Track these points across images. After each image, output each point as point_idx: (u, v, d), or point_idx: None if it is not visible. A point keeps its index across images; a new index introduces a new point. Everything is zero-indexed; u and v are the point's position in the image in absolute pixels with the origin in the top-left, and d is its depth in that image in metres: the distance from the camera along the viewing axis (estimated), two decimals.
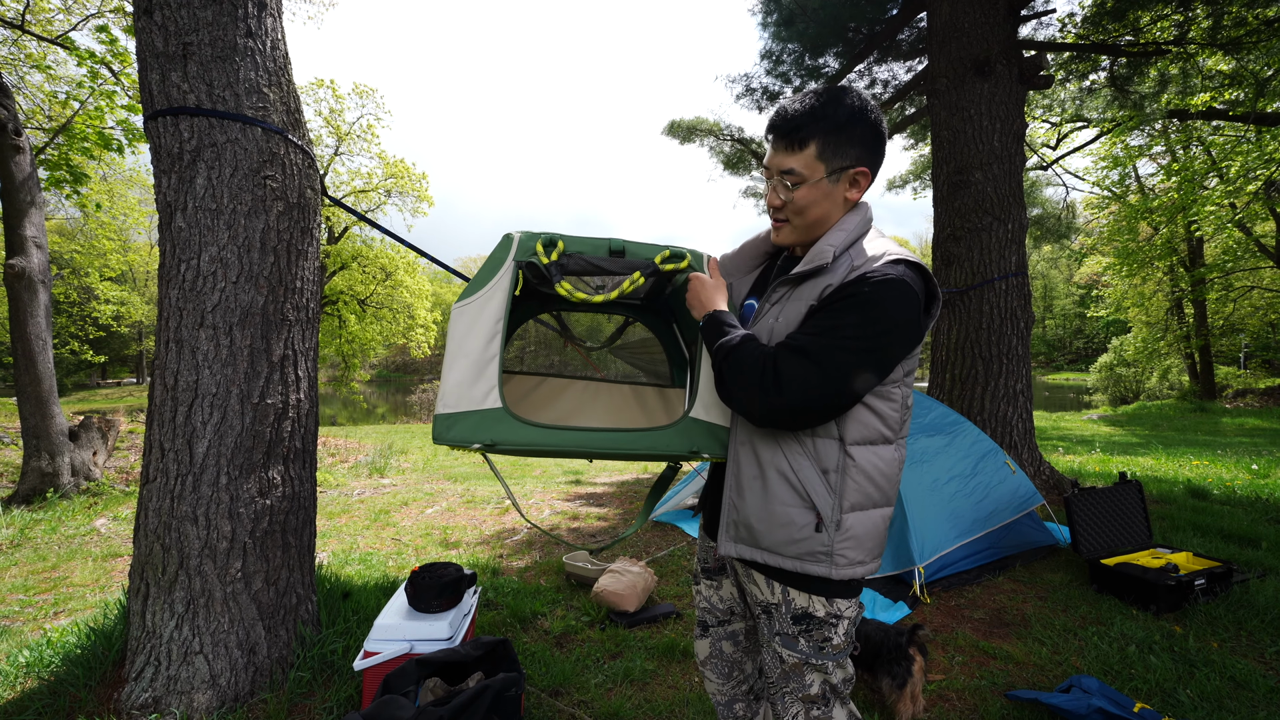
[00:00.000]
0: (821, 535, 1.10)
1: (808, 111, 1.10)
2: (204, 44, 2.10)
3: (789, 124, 1.11)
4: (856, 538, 1.11)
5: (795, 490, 1.11)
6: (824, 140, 1.10)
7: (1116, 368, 21.67)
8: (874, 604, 3.07)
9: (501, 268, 1.24)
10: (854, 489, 1.10)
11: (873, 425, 1.12)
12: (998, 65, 5.40)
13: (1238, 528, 4.06)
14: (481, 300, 1.23)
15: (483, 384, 1.20)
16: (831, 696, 1.20)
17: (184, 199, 2.10)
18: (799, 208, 1.15)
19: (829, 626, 1.15)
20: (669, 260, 1.29)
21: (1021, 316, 5.40)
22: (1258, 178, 11.10)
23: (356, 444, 10.12)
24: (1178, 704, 2.15)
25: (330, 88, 16.84)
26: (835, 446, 1.11)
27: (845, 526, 1.10)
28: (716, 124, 9.25)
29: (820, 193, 1.13)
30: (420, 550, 4.25)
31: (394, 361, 53.37)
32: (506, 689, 1.73)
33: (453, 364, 1.21)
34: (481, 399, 1.19)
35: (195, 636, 2.08)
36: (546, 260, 1.25)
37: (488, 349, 1.21)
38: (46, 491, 5.64)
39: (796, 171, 1.12)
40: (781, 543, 1.12)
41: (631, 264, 1.30)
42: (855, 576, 1.14)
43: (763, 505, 1.13)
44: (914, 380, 1.18)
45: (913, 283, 1.05)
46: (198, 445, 2.09)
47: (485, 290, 1.23)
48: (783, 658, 1.19)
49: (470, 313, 1.22)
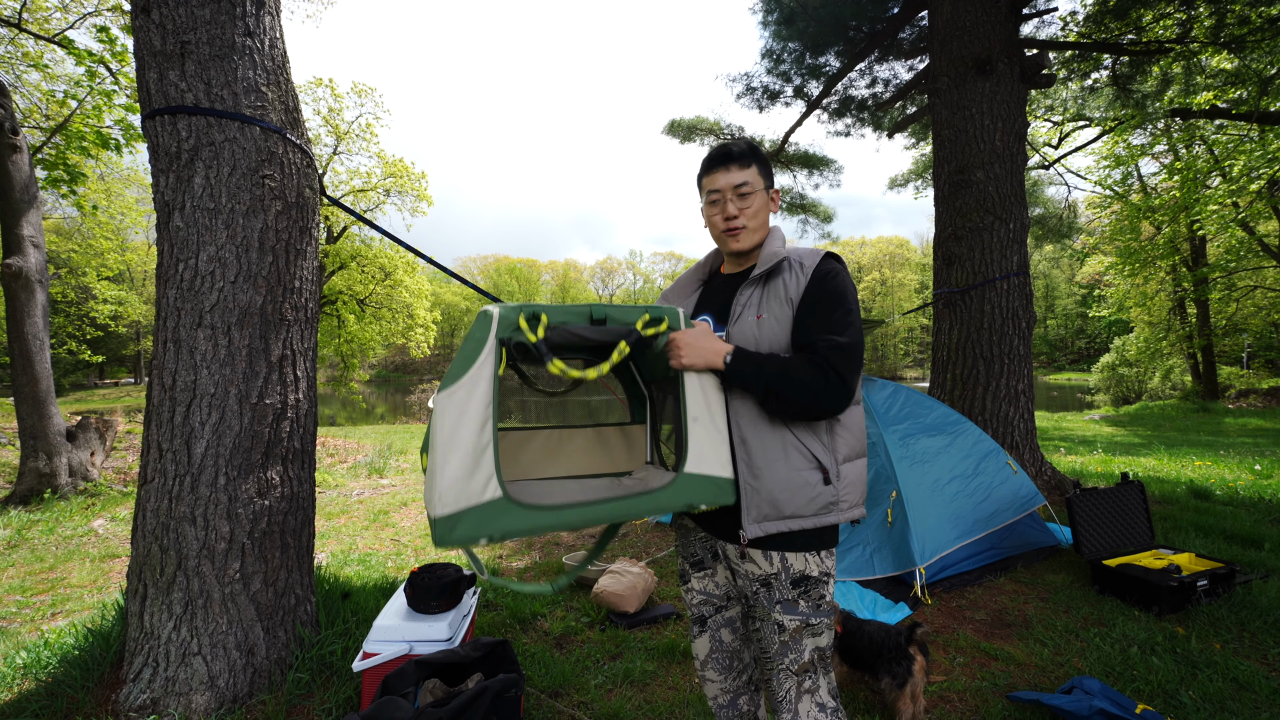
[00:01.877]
0: (830, 487, 1.32)
1: (746, 143, 1.46)
2: (202, 42, 2.08)
3: (738, 150, 1.44)
4: (852, 483, 1.36)
5: (805, 456, 1.32)
6: (759, 164, 1.45)
7: (1118, 368, 21.63)
8: (875, 605, 3.06)
9: (484, 349, 1.18)
10: (843, 443, 1.35)
11: None
12: (999, 64, 5.39)
13: (1240, 528, 4.05)
14: (468, 385, 1.16)
15: (480, 475, 1.14)
16: (819, 665, 1.37)
17: (182, 198, 2.09)
18: (752, 213, 1.44)
19: (822, 584, 1.36)
20: (650, 325, 1.33)
21: (1023, 316, 5.38)
22: (1261, 177, 11.06)
23: (355, 444, 10.11)
24: (1180, 705, 2.14)
25: (329, 87, 16.80)
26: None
27: (843, 475, 1.34)
28: (716, 123, 9.22)
29: (762, 202, 1.45)
30: (419, 551, 4.24)
31: (393, 361, 53.41)
32: (506, 690, 1.72)
33: (446, 458, 1.13)
34: (481, 492, 1.14)
35: (193, 637, 2.07)
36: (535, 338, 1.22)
37: (481, 437, 1.15)
38: (44, 492, 5.63)
39: (749, 183, 1.42)
40: (803, 504, 1.31)
41: (614, 331, 1.31)
42: (854, 518, 1.37)
43: (785, 476, 1.31)
44: None
45: (845, 270, 1.38)
46: (196, 445, 2.08)
47: (470, 374, 1.16)
48: (783, 625, 1.34)
49: (458, 400, 1.15)
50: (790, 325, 1.33)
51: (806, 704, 1.36)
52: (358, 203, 18.08)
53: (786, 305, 1.34)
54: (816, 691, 1.37)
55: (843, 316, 1.30)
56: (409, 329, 19.79)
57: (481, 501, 1.13)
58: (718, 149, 1.46)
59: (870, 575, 3.27)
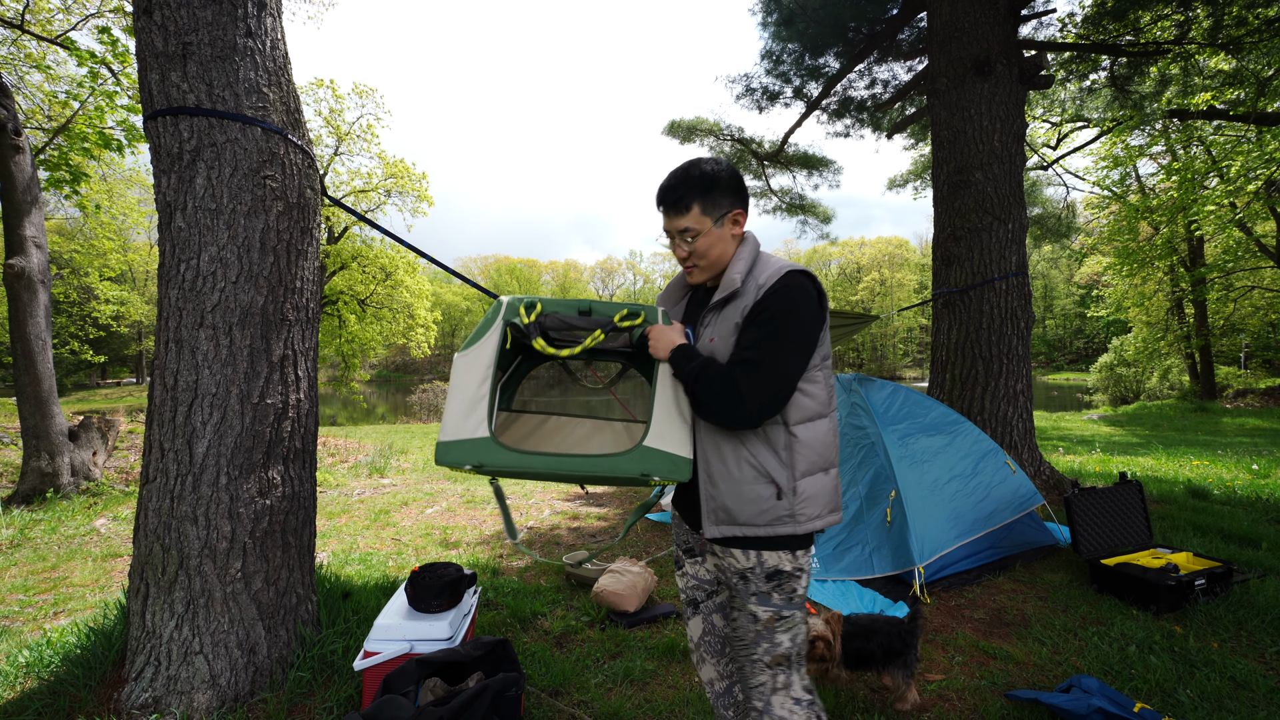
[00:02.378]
0: (783, 502, 1.35)
1: (682, 182, 1.41)
2: (204, 44, 2.09)
3: (673, 195, 1.42)
4: (810, 498, 1.37)
5: (756, 470, 1.36)
6: (702, 199, 1.40)
7: (1117, 368, 21.64)
8: (874, 604, 3.07)
9: (493, 325, 1.55)
10: (801, 459, 1.36)
11: (807, 406, 1.38)
12: (998, 65, 5.40)
13: (1238, 528, 4.06)
14: (477, 349, 1.53)
15: (474, 417, 1.47)
16: (794, 659, 1.42)
17: (184, 199, 2.10)
18: (702, 254, 1.45)
19: (795, 579, 1.39)
20: (626, 318, 1.55)
21: (1022, 316, 5.40)
22: (1258, 177, 11.08)
23: (356, 444, 10.11)
24: (1178, 704, 2.15)
25: (330, 87, 16.82)
26: (781, 429, 1.36)
27: (800, 491, 1.36)
28: (716, 124, 9.24)
29: (714, 237, 1.43)
30: (420, 550, 4.25)
31: (394, 361, 53.38)
32: (506, 689, 1.73)
33: (452, 400, 1.49)
34: (474, 429, 1.46)
35: (195, 636, 2.08)
36: (526, 321, 1.55)
37: (480, 388, 1.49)
38: (46, 491, 5.64)
39: (691, 229, 1.42)
40: (754, 515, 1.35)
41: (595, 321, 1.57)
42: (817, 529, 1.38)
43: (734, 488, 1.37)
44: (830, 364, 1.44)
45: (805, 284, 1.34)
46: (197, 445, 2.09)
47: (480, 342, 1.54)
48: (757, 616, 1.40)
49: (469, 359, 1.52)
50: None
51: (781, 698, 1.41)
52: (359, 203, 18.09)
53: (734, 328, 1.37)
54: (790, 687, 1.41)
55: (769, 336, 1.31)
56: (410, 329, 19.81)
57: (473, 437, 1.45)
58: (660, 189, 1.45)
59: (869, 574, 3.29)
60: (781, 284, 1.34)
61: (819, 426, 1.39)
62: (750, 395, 1.29)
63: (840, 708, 2.19)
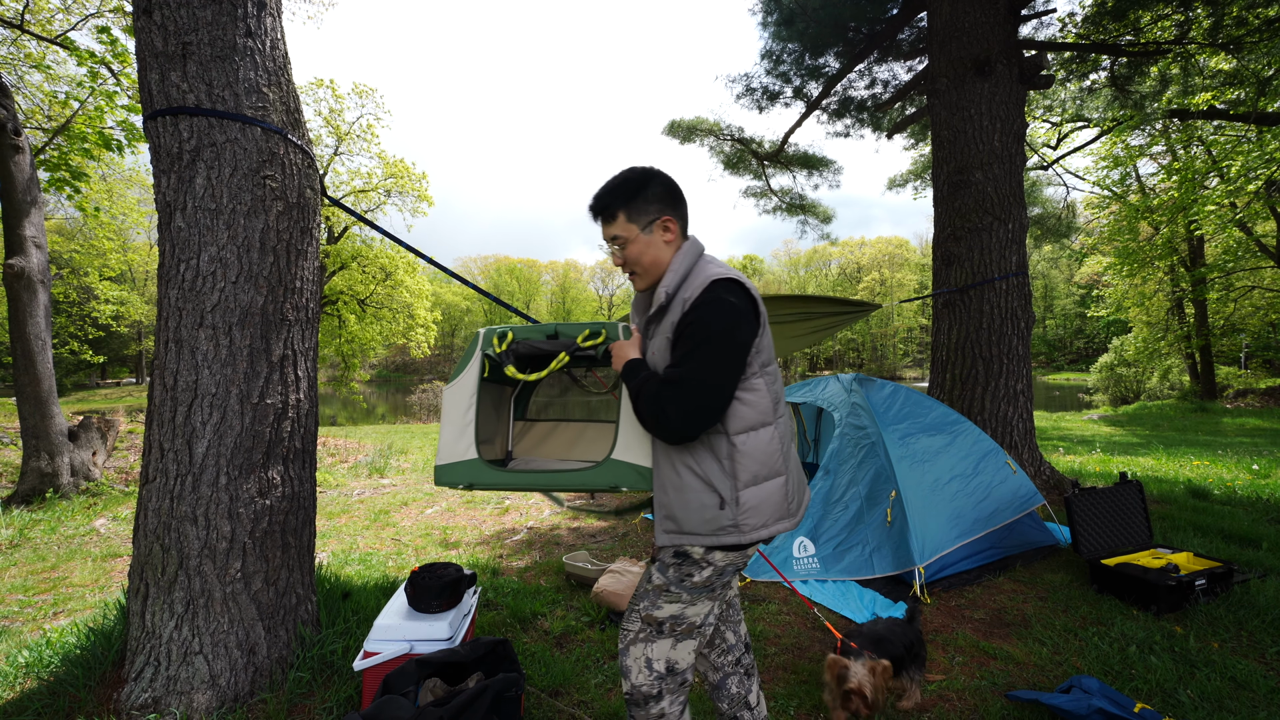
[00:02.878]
0: (726, 512, 1.37)
1: (608, 191, 1.47)
2: (203, 44, 2.09)
3: (600, 204, 1.48)
4: (754, 508, 1.38)
5: (701, 479, 1.38)
6: (627, 207, 1.46)
7: (1117, 368, 21.64)
8: (875, 604, 3.07)
9: (473, 358, 1.77)
10: (745, 469, 1.37)
11: (746, 415, 1.38)
12: (998, 65, 5.40)
13: (1238, 528, 4.06)
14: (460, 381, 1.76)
15: (463, 441, 1.71)
16: (669, 629, 1.45)
17: (183, 199, 2.10)
18: (634, 260, 1.49)
19: (696, 566, 1.42)
20: (588, 338, 1.70)
21: (1022, 316, 5.39)
22: (1258, 177, 11.08)
23: (356, 444, 10.11)
24: (1178, 704, 2.15)
25: (330, 87, 16.81)
26: (723, 439, 1.38)
27: (743, 501, 1.37)
28: (716, 124, 9.23)
29: (643, 244, 1.47)
30: (420, 550, 4.25)
31: (394, 361, 53.37)
32: (506, 689, 1.72)
33: (444, 428, 1.75)
34: (463, 453, 1.70)
35: (195, 637, 2.08)
36: (498, 350, 1.74)
37: (465, 416, 1.73)
38: (46, 492, 5.64)
39: (619, 236, 1.48)
40: (698, 524, 1.38)
41: (562, 344, 1.73)
42: (763, 539, 1.39)
43: (680, 496, 1.40)
44: (774, 370, 1.45)
45: (727, 295, 1.34)
46: (197, 445, 2.09)
47: (463, 375, 1.77)
48: (652, 577, 1.48)
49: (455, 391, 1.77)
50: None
51: (639, 650, 1.46)
52: (358, 203, 18.09)
53: (667, 341, 1.40)
54: (650, 646, 1.45)
55: (690, 352, 1.32)
56: (409, 329, 19.80)
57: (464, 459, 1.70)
58: (591, 202, 1.50)
59: (870, 575, 3.28)
60: (703, 298, 1.34)
61: (760, 436, 1.39)
62: (674, 412, 1.31)
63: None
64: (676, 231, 1.49)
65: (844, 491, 3.54)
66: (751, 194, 10.27)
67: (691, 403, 1.31)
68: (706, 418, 1.33)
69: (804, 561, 3.40)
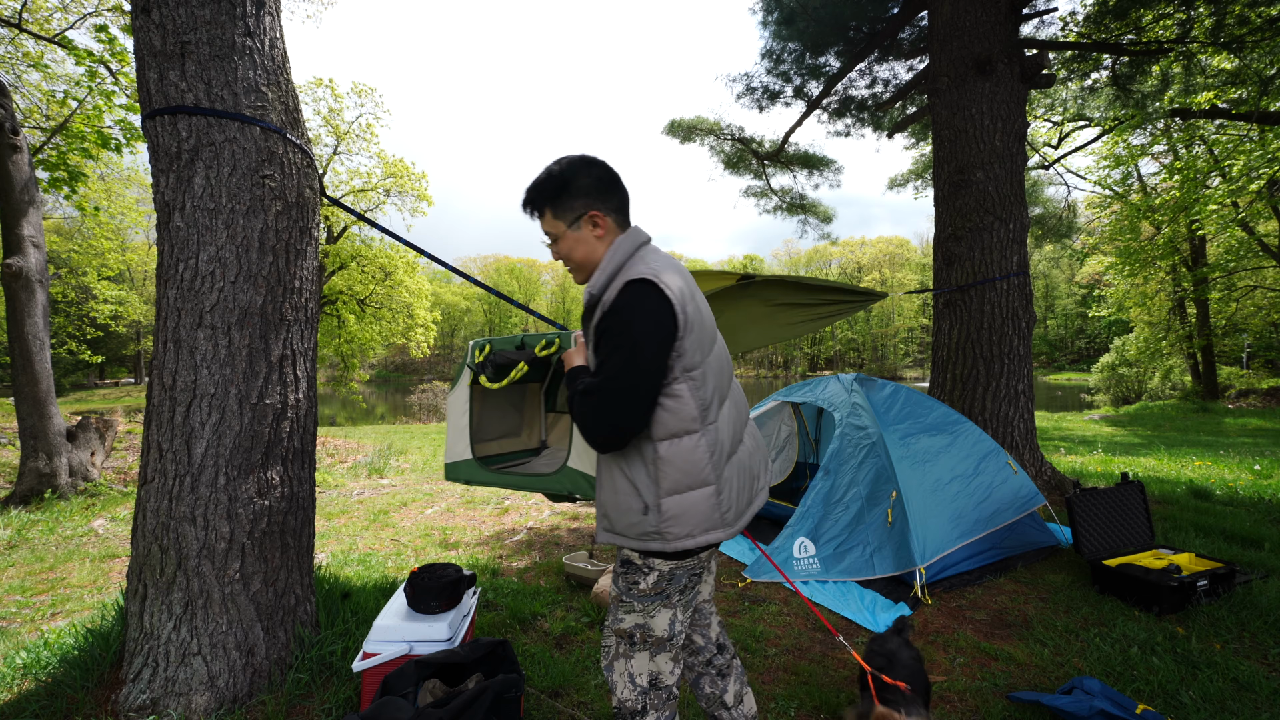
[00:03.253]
0: (649, 518, 1.34)
1: (533, 189, 1.45)
2: (202, 43, 2.08)
3: (527, 202, 1.47)
4: (676, 516, 1.33)
5: (629, 482, 1.37)
6: (551, 204, 1.43)
7: (1118, 368, 21.63)
8: (875, 604, 3.06)
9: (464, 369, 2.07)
10: (667, 477, 1.33)
11: (669, 422, 1.33)
12: (999, 64, 5.39)
13: (1240, 528, 4.05)
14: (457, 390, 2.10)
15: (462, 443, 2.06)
16: (640, 641, 1.44)
17: (182, 198, 2.09)
18: (565, 256, 1.47)
19: (639, 573, 1.41)
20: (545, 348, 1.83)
21: (1023, 316, 5.38)
22: (1260, 177, 11.06)
23: (355, 444, 10.10)
24: (1180, 706, 2.14)
25: (329, 87, 16.79)
26: (649, 445, 1.34)
27: (664, 509, 1.33)
28: (717, 123, 9.22)
29: (572, 240, 1.44)
30: (419, 551, 4.24)
31: (393, 361, 53.36)
32: (506, 690, 1.72)
33: (448, 431, 2.15)
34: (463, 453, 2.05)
35: (193, 638, 2.07)
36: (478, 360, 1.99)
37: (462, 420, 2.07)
38: (44, 492, 5.63)
39: (549, 233, 1.47)
40: (626, 526, 1.38)
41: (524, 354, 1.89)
42: (688, 548, 1.35)
43: (612, 497, 1.41)
44: (700, 375, 1.35)
45: (640, 299, 1.27)
46: (196, 446, 2.08)
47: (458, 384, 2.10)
48: (612, 591, 1.50)
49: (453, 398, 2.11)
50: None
51: (622, 666, 1.47)
52: (358, 203, 18.08)
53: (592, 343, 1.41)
54: (630, 661, 1.45)
55: (603, 359, 1.29)
56: (409, 329, 19.79)
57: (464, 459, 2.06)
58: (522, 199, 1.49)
59: (870, 575, 3.28)
60: (616, 301, 1.29)
61: (684, 444, 1.33)
62: (591, 421, 1.29)
63: (839, 706, 2.18)
64: (607, 225, 1.42)
65: (845, 492, 3.53)
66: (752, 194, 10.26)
67: (607, 412, 1.27)
68: (626, 425, 1.28)
69: (804, 562, 3.39)
